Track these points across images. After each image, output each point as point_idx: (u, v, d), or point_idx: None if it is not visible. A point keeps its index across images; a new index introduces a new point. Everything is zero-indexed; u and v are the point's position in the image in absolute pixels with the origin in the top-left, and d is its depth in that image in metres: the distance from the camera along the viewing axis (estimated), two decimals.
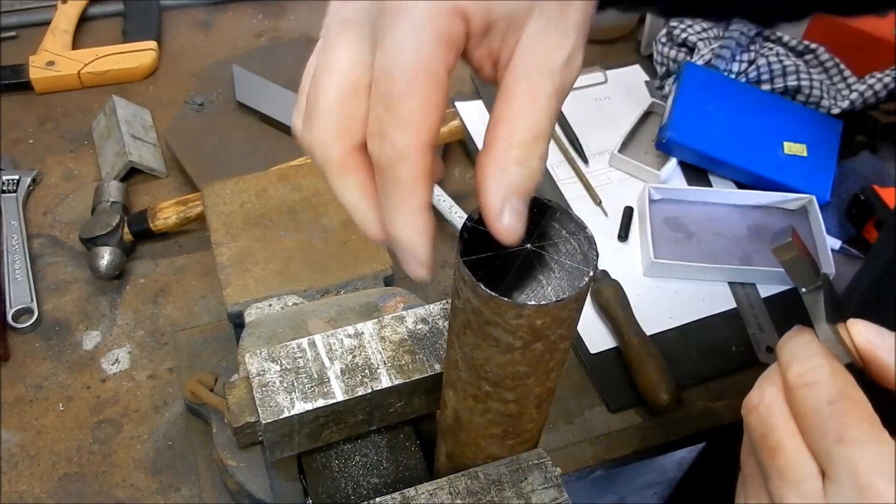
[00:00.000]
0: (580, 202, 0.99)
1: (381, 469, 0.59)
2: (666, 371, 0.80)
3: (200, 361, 0.81)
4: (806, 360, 0.41)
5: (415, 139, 0.34)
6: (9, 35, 1.13)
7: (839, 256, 0.95)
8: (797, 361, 0.41)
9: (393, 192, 0.36)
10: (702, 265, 0.91)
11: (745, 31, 1.06)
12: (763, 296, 0.91)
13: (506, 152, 0.35)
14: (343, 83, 0.36)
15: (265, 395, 0.53)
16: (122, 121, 0.99)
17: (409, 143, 0.34)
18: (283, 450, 0.55)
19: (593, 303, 0.88)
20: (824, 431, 0.38)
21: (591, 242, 0.40)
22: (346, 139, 0.37)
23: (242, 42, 1.16)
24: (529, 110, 0.35)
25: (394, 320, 0.58)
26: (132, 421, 0.78)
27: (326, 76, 0.37)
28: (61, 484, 0.73)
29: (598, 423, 0.81)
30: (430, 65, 0.34)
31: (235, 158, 0.98)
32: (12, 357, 0.81)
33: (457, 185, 1.00)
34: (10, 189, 0.94)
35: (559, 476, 0.51)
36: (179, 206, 0.89)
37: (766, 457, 0.41)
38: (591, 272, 0.38)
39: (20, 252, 0.88)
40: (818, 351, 0.41)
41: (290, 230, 0.73)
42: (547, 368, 0.43)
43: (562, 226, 0.40)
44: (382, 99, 0.34)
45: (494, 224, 0.36)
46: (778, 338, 0.87)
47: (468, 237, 0.39)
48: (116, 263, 0.86)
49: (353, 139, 0.37)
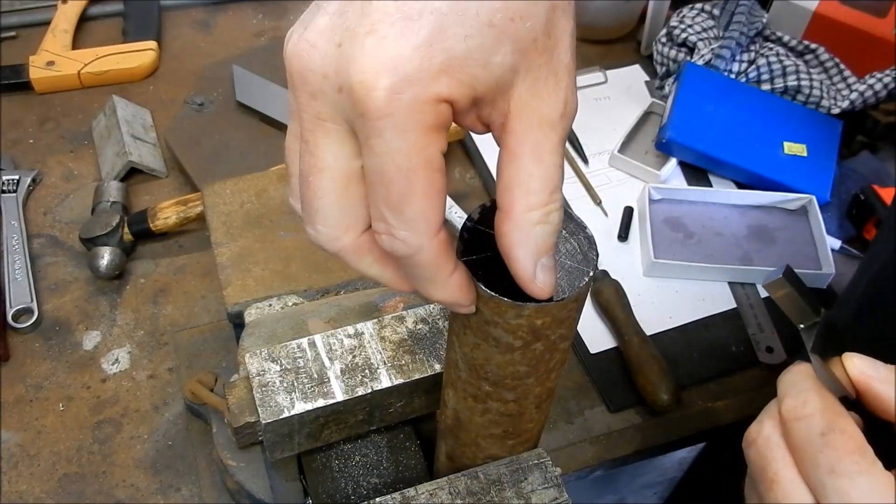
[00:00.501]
0: (580, 202, 0.99)
1: (381, 469, 0.59)
2: (666, 371, 0.80)
3: (200, 361, 0.81)
4: (799, 393, 0.42)
5: (425, 232, 0.34)
6: (9, 35, 1.14)
7: (839, 256, 0.95)
8: (790, 395, 0.42)
9: (419, 275, 0.36)
10: (702, 265, 0.91)
11: (745, 31, 1.06)
12: (763, 296, 0.91)
13: (526, 217, 0.35)
14: (335, 180, 0.35)
15: (265, 395, 0.53)
16: (122, 121, 0.99)
17: (421, 238, 0.34)
18: (283, 450, 0.55)
19: (593, 303, 0.88)
20: (817, 463, 0.40)
21: (591, 242, 0.40)
22: (352, 231, 0.37)
23: (242, 42, 1.16)
24: (539, 169, 0.34)
25: (394, 320, 0.58)
26: (132, 421, 0.78)
27: (317, 177, 0.35)
28: (61, 484, 0.73)
29: (598, 423, 0.81)
30: (425, 159, 0.33)
31: (235, 158, 0.98)
32: (12, 357, 0.81)
33: (457, 185, 1.00)
34: (10, 189, 0.94)
35: (559, 476, 0.51)
36: (179, 206, 0.89)
37: (765, 489, 0.42)
38: (591, 272, 0.38)
39: (20, 252, 0.88)
40: (811, 385, 0.42)
41: (290, 230, 0.73)
42: (547, 368, 0.43)
43: (562, 226, 0.40)
44: (382, 200, 0.33)
45: (530, 287, 0.36)
46: (778, 338, 0.88)
47: (468, 237, 0.39)
48: (116, 263, 0.86)
49: (359, 227, 0.37)
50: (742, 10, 1.08)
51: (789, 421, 0.42)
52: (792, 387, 0.43)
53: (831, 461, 0.39)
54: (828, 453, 0.39)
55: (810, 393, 0.42)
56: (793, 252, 0.94)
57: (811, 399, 0.41)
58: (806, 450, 0.41)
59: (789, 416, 0.42)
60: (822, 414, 0.40)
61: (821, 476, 0.39)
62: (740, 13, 1.07)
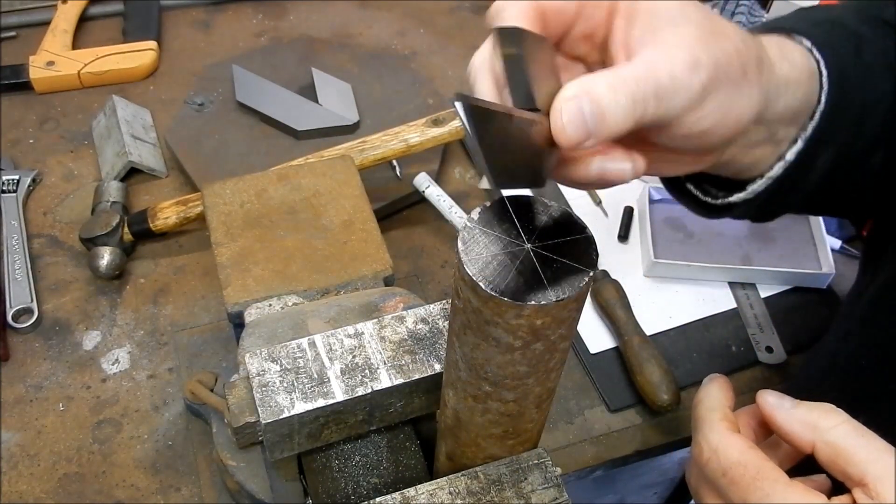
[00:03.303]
0: (580, 202, 0.99)
1: (381, 469, 0.59)
2: (666, 371, 0.80)
3: (200, 361, 0.81)
4: (696, 439, 0.46)
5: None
6: (9, 35, 1.14)
7: (839, 256, 0.95)
8: (695, 442, 0.47)
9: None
10: (702, 265, 0.91)
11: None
12: (763, 296, 0.91)
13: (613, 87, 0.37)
14: None
15: (265, 395, 0.53)
16: (122, 121, 0.99)
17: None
18: (283, 450, 0.55)
19: (593, 303, 0.88)
20: (731, 499, 0.43)
21: (591, 242, 0.40)
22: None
23: (242, 42, 1.16)
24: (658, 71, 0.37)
25: (394, 320, 0.58)
26: (132, 421, 0.78)
27: None
28: (61, 484, 0.73)
29: (598, 423, 0.81)
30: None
31: (235, 158, 0.98)
32: (12, 357, 0.81)
33: (457, 185, 1.00)
34: (10, 189, 0.94)
35: (559, 476, 0.51)
36: (179, 206, 0.89)
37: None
38: (591, 272, 0.38)
39: (20, 252, 0.88)
40: (703, 426, 0.46)
41: (290, 230, 0.73)
42: (547, 368, 0.43)
43: (562, 226, 0.40)
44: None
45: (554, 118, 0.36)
46: (778, 338, 0.88)
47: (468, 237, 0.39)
48: (116, 263, 0.86)
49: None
50: (742, 10, 1.08)
51: (698, 466, 0.46)
52: (694, 431, 0.47)
53: (741, 495, 0.43)
54: (734, 490, 0.43)
55: (704, 434, 0.46)
56: (793, 252, 0.94)
57: (704, 442, 0.45)
58: (719, 488, 0.44)
59: (697, 462, 0.46)
60: (717, 454, 0.44)
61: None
62: (740, 13, 1.07)
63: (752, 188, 0.49)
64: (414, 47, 1.18)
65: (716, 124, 0.40)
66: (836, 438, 0.41)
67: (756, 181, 0.49)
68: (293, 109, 1.01)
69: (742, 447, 0.44)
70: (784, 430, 0.44)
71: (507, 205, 0.41)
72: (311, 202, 0.75)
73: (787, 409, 0.44)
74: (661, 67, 0.37)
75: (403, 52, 1.17)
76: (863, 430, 0.42)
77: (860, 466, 0.40)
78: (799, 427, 0.43)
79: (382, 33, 1.20)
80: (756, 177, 0.49)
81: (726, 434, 0.45)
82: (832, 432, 0.42)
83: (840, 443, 0.41)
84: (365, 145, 0.90)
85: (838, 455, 0.41)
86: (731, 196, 0.50)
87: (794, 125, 0.47)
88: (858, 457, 0.41)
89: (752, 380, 0.85)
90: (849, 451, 0.41)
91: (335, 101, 1.03)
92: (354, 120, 1.01)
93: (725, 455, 0.44)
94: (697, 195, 0.52)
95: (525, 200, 0.41)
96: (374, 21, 1.21)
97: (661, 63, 0.37)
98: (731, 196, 0.50)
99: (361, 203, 0.76)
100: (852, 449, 0.41)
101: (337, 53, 1.11)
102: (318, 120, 1.00)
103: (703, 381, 0.51)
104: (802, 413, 0.44)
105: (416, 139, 0.90)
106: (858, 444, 0.41)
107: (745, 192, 0.49)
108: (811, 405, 0.44)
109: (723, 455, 0.44)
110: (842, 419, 0.42)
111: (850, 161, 0.49)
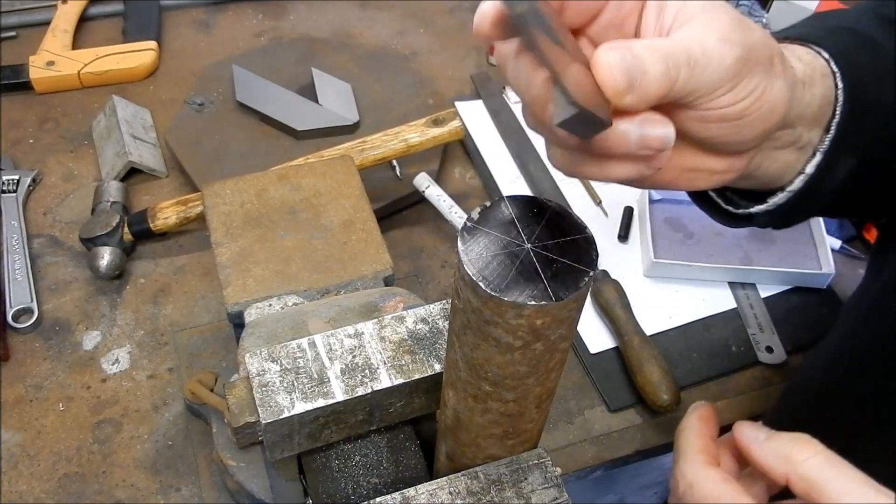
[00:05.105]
0: (580, 202, 0.99)
1: (381, 469, 0.59)
2: (666, 371, 0.80)
3: (200, 361, 0.81)
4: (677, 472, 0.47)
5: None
6: (9, 35, 1.13)
7: (839, 256, 0.95)
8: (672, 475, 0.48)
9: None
10: (702, 265, 0.91)
11: None
12: (763, 296, 0.91)
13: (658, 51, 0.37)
14: None
15: (265, 395, 0.53)
16: (122, 121, 0.99)
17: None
18: (283, 450, 0.56)
19: (593, 303, 0.88)
20: None
21: (591, 242, 0.40)
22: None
23: (242, 42, 1.16)
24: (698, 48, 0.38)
25: (394, 320, 0.58)
26: (132, 421, 0.78)
27: None
28: (61, 484, 0.73)
29: (598, 423, 0.81)
30: None
31: (235, 158, 0.98)
32: (12, 357, 0.81)
33: (457, 185, 1.00)
34: (10, 189, 0.94)
35: (559, 476, 0.51)
36: (179, 206, 0.89)
37: None
38: (591, 272, 0.39)
39: (20, 252, 0.88)
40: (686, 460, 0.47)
41: (290, 230, 0.73)
42: (547, 368, 0.43)
43: (562, 226, 0.40)
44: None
45: (599, 63, 0.36)
46: (778, 338, 0.88)
47: (468, 237, 0.39)
48: (116, 263, 0.86)
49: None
50: (742, 10, 1.08)
51: (676, 498, 0.47)
52: (673, 462, 0.48)
53: None
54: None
55: (680, 467, 0.47)
56: (793, 252, 0.94)
57: (680, 475, 0.46)
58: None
59: (674, 494, 0.47)
60: (691, 488, 0.45)
61: None
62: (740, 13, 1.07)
63: (774, 201, 0.50)
64: (414, 47, 1.18)
65: (751, 108, 0.40)
66: (809, 471, 0.42)
67: (777, 194, 0.50)
68: (293, 109, 1.01)
69: (716, 480, 0.45)
70: (759, 463, 0.44)
71: (508, 205, 0.41)
72: (311, 202, 0.75)
73: (760, 442, 0.45)
74: (694, 42, 0.38)
75: (403, 52, 1.17)
76: (836, 461, 0.42)
77: (833, 498, 0.41)
78: (773, 460, 0.43)
79: (382, 33, 1.20)
80: (777, 189, 0.49)
81: (702, 468, 0.46)
82: (805, 465, 0.42)
83: (813, 475, 0.42)
84: (365, 145, 0.91)
85: (811, 488, 0.41)
86: (753, 207, 0.51)
87: (817, 126, 0.47)
88: (831, 489, 0.41)
89: (752, 380, 0.85)
90: (821, 484, 0.41)
91: (335, 101, 1.03)
92: (354, 120, 1.01)
93: (699, 489, 0.45)
94: (719, 202, 0.53)
95: (525, 200, 0.41)
96: (374, 21, 1.21)
97: (693, 38, 0.38)
98: (752, 206, 0.51)
99: (361, 203, 0.76)
100: (824, 482, 0.41)
101: (337, 53, 1.11)
102: (318, 120, 1.00)
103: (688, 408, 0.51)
104: (776, 445, 0.44)
105: (416, 139, 0.90)
106: (830, 475, 0.41)
107: (767, 204, 0.50)
108: (784, 437, 0.44)
109: (697, 489, 0.45)
110: (814, 451, 0.43)
111: (869, 167, 0.50)
